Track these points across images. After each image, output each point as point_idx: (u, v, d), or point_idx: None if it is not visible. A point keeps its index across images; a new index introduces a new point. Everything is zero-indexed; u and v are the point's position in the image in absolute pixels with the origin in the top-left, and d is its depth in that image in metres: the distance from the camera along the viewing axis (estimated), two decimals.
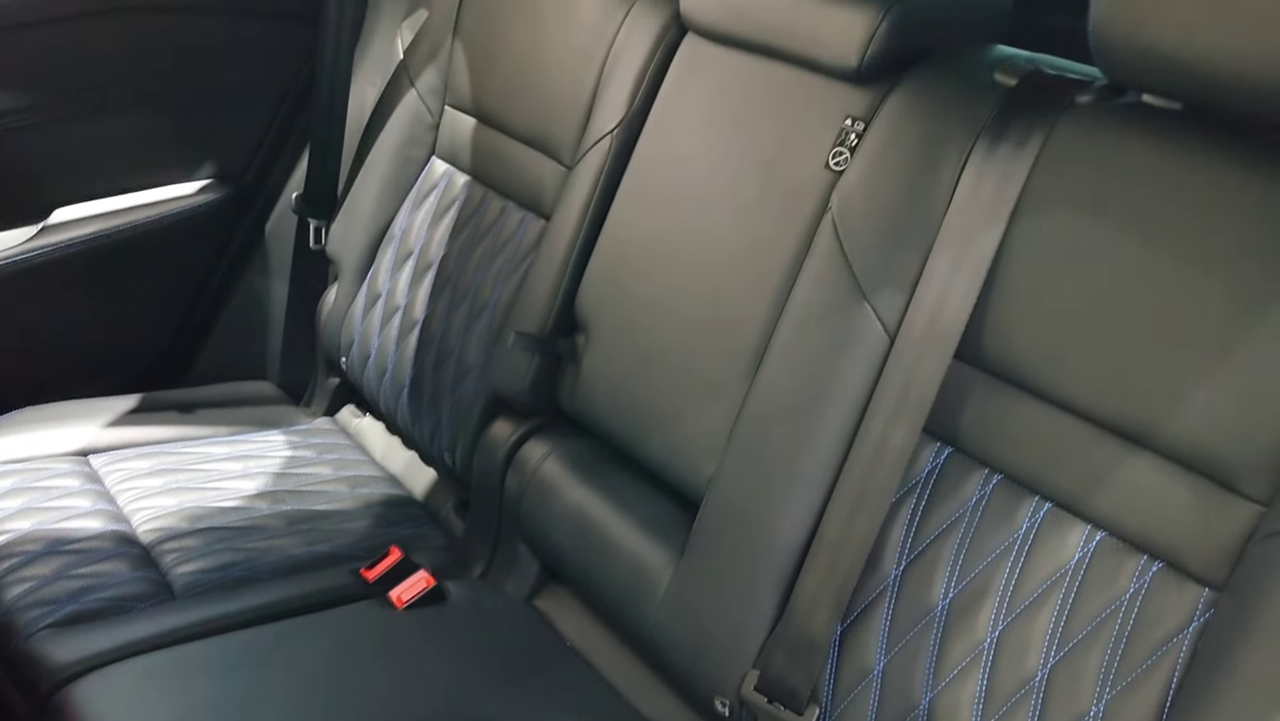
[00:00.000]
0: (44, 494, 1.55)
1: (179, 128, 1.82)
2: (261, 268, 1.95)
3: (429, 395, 1.62)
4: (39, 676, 1.25)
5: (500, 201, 1.62)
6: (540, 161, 1.55)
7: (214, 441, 1.73)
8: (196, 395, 1.84)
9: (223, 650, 1.31)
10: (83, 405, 1.74)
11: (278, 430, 1.79)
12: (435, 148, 1.73)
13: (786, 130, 1.24)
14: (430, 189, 1.72)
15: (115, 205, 1.81)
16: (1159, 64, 0.93)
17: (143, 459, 1.66)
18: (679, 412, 1.29)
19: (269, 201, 1.92)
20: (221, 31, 1.79)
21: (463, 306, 1.61)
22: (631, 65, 1.42)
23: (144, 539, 1.50)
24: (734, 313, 1.25)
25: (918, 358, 1.06)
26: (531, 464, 1.44)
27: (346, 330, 1.77)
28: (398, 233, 1.73)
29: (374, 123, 1.78)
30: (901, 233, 1.10)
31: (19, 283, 1.75)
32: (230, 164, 1.89)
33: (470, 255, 1.62)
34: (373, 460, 1.75)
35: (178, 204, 1.86)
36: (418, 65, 1.74)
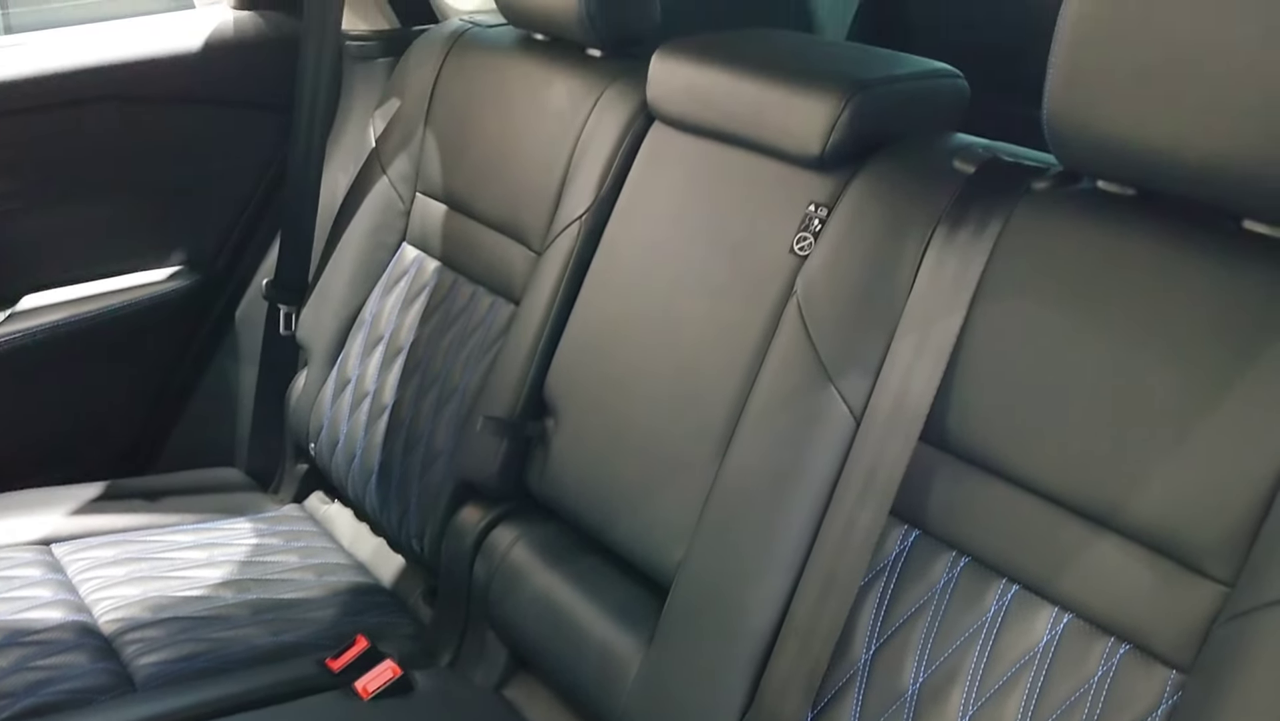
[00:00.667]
0: (4, 584, 1.52)
1: (151, 215, 1.83)
2: (231, 354, 1.94)
3: (397, 481, 1.61)
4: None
5: (470, 287, 1.63)
6: (510, 247, 1.56)
7: (179, 529, 1.71)
8: (163, 482, 1.82)
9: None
10: (47, 493, 1.72)
11: (244, 517, 1.77)
12: (406, 234, 1.74)
13: (752, 215, 1.26)
14: (401, 275, 1.73)
15: (85, 292, 1.81)
16: (1111, 151, 0.96)
17: (106, 548, 1.64)
18: (648, 495, 1.29)
19: (240, 287, 1.92)
20: (196, 121, 1.81)
21: (432, 391, 1.61)
22: (600, 152, 1.44)
23: (105, 629, 1.47)
24: (702, 395, 1.25)
25: (883, 440, 1.07)
26: (500, 550, 1.43)
27: (315, 416, 1.76)
28: (368, 318, 1.74)
29: (345, 209, 1.80)
30: (865, 316, 1.11)
31: None
32: (202, 250, 1.89)
33: (440, 340, 1.63)
34: (340, 547, 1.74)
35: (148, 290, 1.86)
36: (390, 153, 1.76)
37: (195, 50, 1.79)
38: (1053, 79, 0.97)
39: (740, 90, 1.27)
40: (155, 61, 1.77)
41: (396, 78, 1.78)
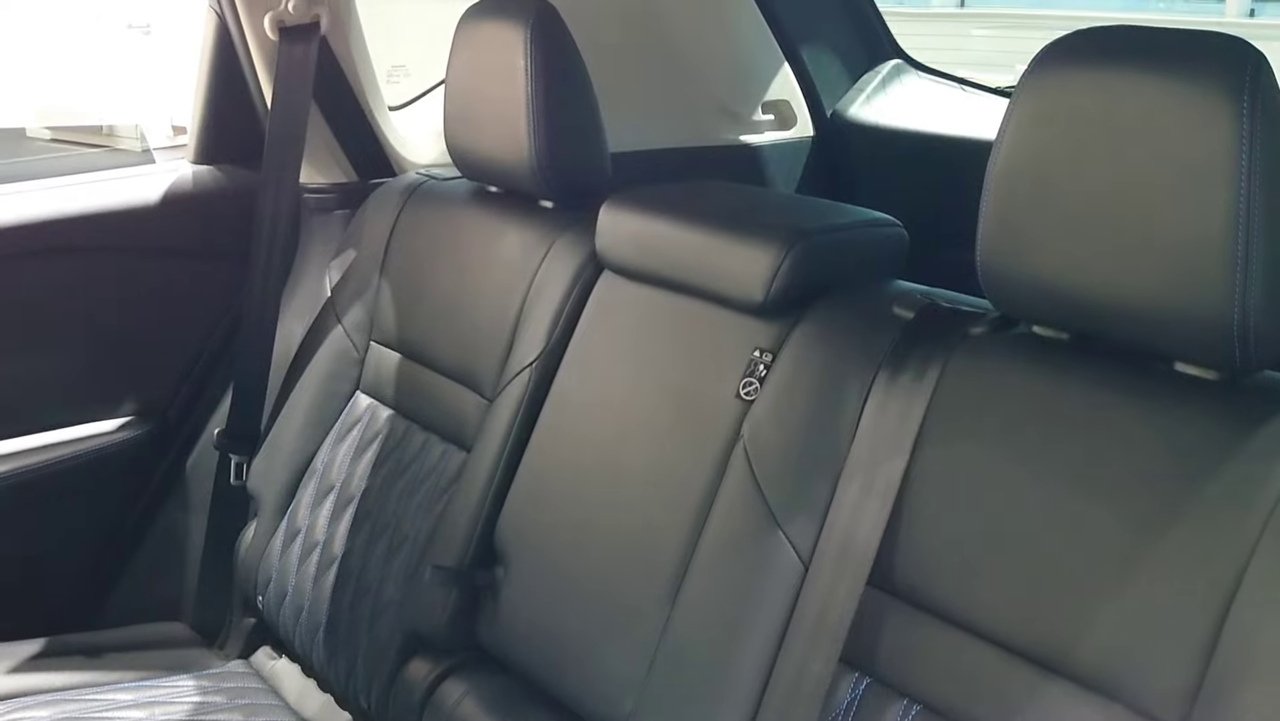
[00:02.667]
0: None
1: (104, 365, 1.83)
2: (180, 505, 1.91)
3: (345, 632, 1.57)
4: None
5: (423, 435, 1.62)
6: (462, 394, 1.57)
7: (120, 688, 1.66)
8: (105, 638, 1.77)
9: None
10: None
11: (188, 675, 1.71)
12: (360, 382, 1.74)
13: (699, 361, 1.27)
14: (354, 423, 1.72)
15: (33, 444, 1.79)
16: (1043, 295, 0.98)
17: (43, 707, 1.58)
18: (596, 646, 1.26)
19: (191, 438, 1.90)
20: (153, 271, 1.83)
21: (382, 540, 1.58)
22: (550, 301, 1.46)
23: None
24: (651, 542, 1.24)
25: (831, 585, 1.06)
26: (448, 705, 1.39)
27: (264, 568, 1.73)
28: (319, 467, 1.72)
29: (299, 359, 1.80)
30: (811, 461, 1.11)
31: None
32: (154, 400, 1.88)
33: (392, 489, 1.61)
34: (286, 705, 1.68)
35: (95, 441, 1.84)
36: (345, 302, 1.77)
37: (153, 203, 1.82)
38: (984, 227, 1.00)
39: (685, 239, 1.30)
40: (113, 214, 1.79)
41: (353, 229, 1.81)
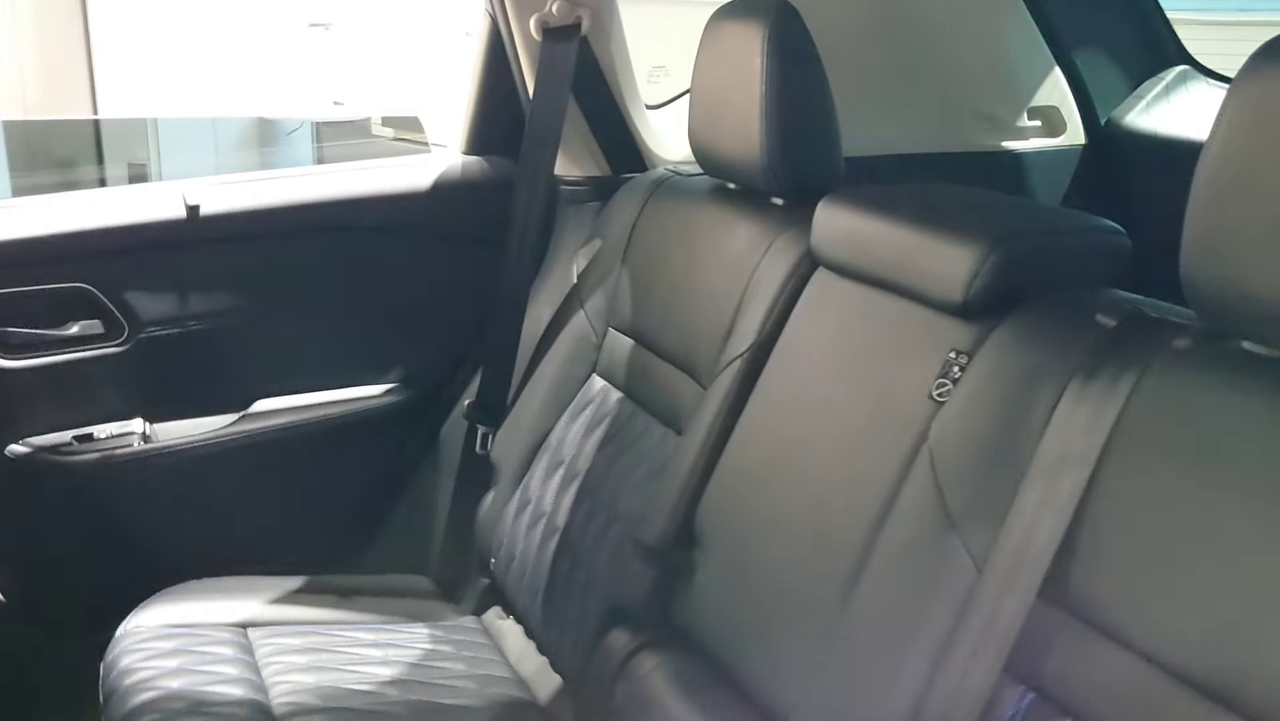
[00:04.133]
0: (199, 658, 1.66)
1: (373, 335, 2.01)
2: (433, 468, 2.07)
3: (559, 599, 1.66)
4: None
5: (645, 418, 1.69)
6: (682, 381, 1.62)
7: (364, 628, 1.82)
8: (356, 583, 1.94)
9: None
10: (253, 581, 1.86)
11: (424, 624, 1.86)
12: (596, 366, 1.83)
13: (896, 361, 1.27)
14: (587, 404, 1.81)
15: (308, 400, 1.99)
16: (1251, 310, 0.92)
17: (295, 636, 1.76)
18: (774, 635, 1.28)
19: (446, 407, 2.05)
20: (420, 252, 1.99)
21: (600, 515, 1.66)
22: (766, 294, 1.49)
23: (277, 710, 1.58)
24: (832, 537, 1.25)
25: (1002, 594, 1.03)
26: (639, 676, 1.44)
27: (498, 532, 1.85)
28: (554, 443, 1.82)
29: (544, 340, 1.91)
30: (993, 467, 1.09)
31: (218, 463, 1.93)
32: (415, 371, 2.05)
33: (612, 467, 1.69)
34: (506, 662, 1.79)
35: (363, 403, 2.02)
36: (588, 289, 1.86)
37: (425, 189, 1.98)
38: (1189, 234, 0.95)
39: (894, 237, 1.30)
40: (392, 198, 1.97)
41: (602, 220, 1.90)
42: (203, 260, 1.88)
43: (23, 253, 1.77)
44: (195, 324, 1.89)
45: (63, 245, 1.79)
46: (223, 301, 1.90)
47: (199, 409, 1.94)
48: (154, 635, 1.70)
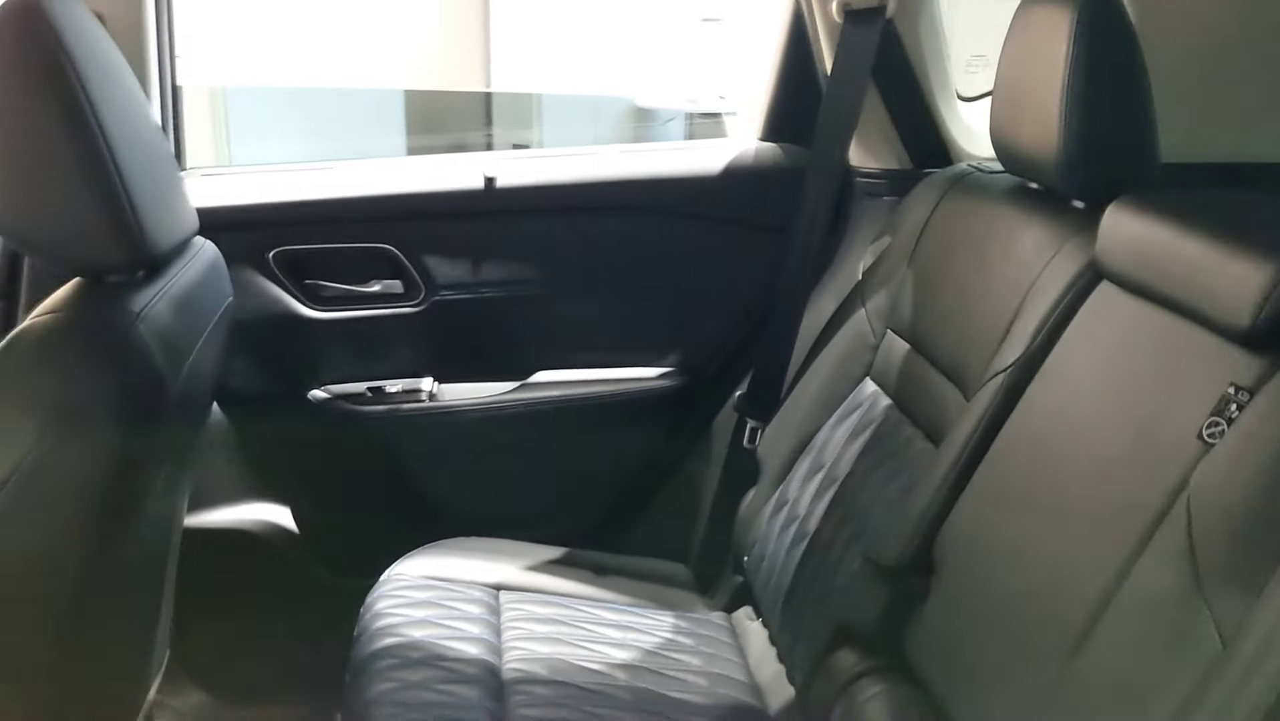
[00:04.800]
0: (447, 612, 1.72)
1: (651, 318, 2.00)
2: (701, 458, 2.04)
3: (797, 608, 1.59)
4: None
5: (910, 429, 1.57)
6: (948, 392, 1.49)
7: (610, 607, 1.82)
8: (614, 562, 1.95)
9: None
10: (514, 545, 1.91)
11: (671, 613, 1.83)
12: (871, 369, 1.73)
13: (1168, 391, 1.09)
14: (856, 407, 1.71)
15: (584, 376, 2.01)
16: None
17: (542, 605, 1.78)
18: (998, 678, 1.15)
19: (719, 397, 2.02)
20: (705, 236, 1.96)
21: (849, 526, 1.57)
22: (1043, 303, 1.34)
23: (505, 675, 1.60)
24: (1072, 580, 1.10)
25: (1247, 677, 0.86)
26: (858, 702, 1.34)
27: (754, 531, 1.79)
28: (818, 444, 1.74)
29: (822, 338, 1.83)
30: (1257, 528, 0.91)
31: (495, 427, 2.00)
32: (692, 356, 2.03)
33: (870, 478, 1.59)
34: (744, 665, 1.73)
35: (639, 385, 2.02)
36: (871, 287, 1.76)
37: (716, 173, 1.95)
38: None
39: (1180, 248, 1.12)
40: (682, 181, 1.95)
41: (895, 216, 1.79)
42: (497, 230, 1.94)
43: (337, 212, 1.90)
44: (486, 291, 1.96)
45: (372, 208, 1.90)
46: (513, 271, 1.95)
47: (483, 373, 2.01)
48: (412, 584, 1.78)
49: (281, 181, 1.93)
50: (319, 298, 1.94)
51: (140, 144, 1.28)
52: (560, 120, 5.53)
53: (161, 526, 1.55)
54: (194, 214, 1.46)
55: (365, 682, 1.57)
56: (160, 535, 1.55)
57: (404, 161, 1.95)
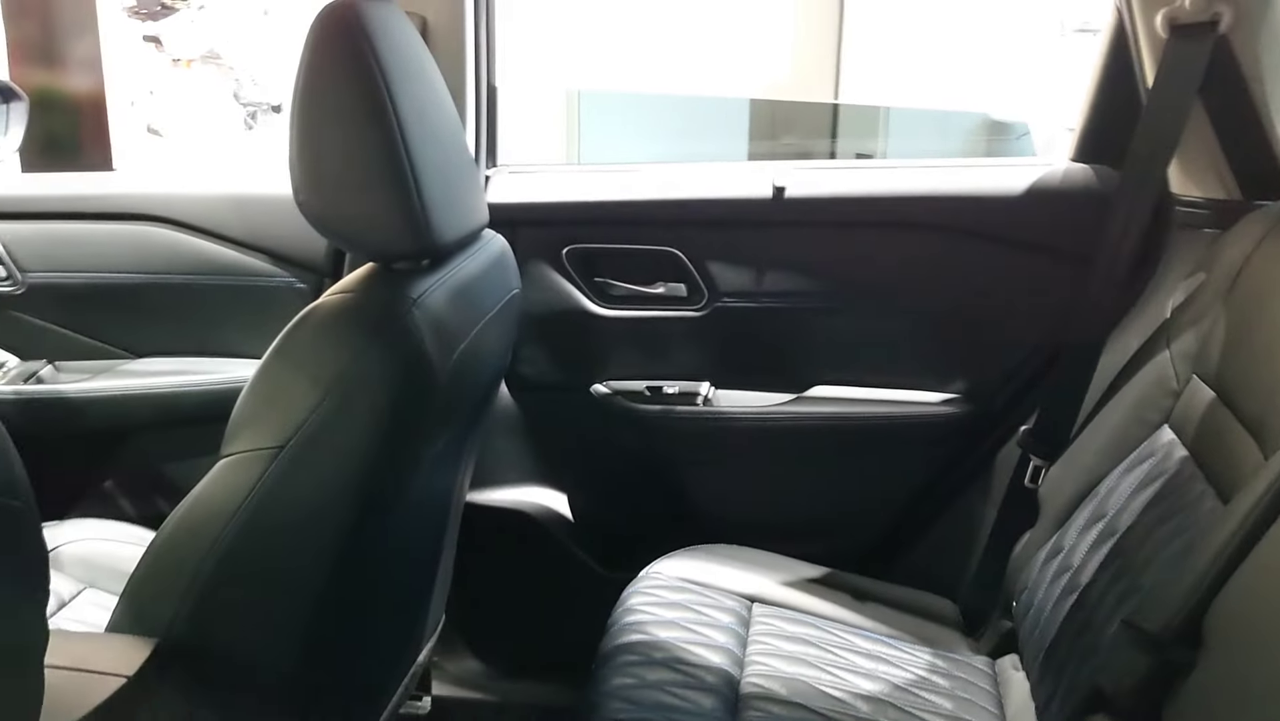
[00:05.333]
0: (697, 617, 1.72)
1: (936, 341, 1.92)
2: (980, 492, 1.94)
3: (1058, 664, 1.48)
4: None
5: (1202, 486, 1.42)
6: (1248, 447, 1.34)
7: (865, 635, 1.76)
8: (877, 589, 1.89)
9: None
10: (774, 558, 1.89)
11: (929, 650, 1.75)
12: (1170, 416, 1.58)
13: None
14: (1148, 456, 1.57)
15: (864, 394, 1.96)
16: None
17: (795, 624, 1.76)
18: None
19: (1003, 430, 1.91)
20: (999, 260, 1.86)
21: (1121, 582, 1.44)
22: None
23: (744, 689, 1.59)
24: None
25: None
26: None
27: (1025, 575, 1.68)
28: (1102, 492, 1.61)
29: (1121, 377, 1.69)
30: None
31: (767, 438, 1.99)
32: (979, 384, 1.93)
33: (1152, 533, 1.45)
34: (1000, 716, 1.63)
35: (919, 409, 1.95)
36: (1179, 326, 1.61)
37: (1017, 194, 1.84)
38: None
39: None
40: (978, 200, 1.86)
41: (1213, 250, 1.62)
42: (783, 241, 1.93)
43: (629, 214, 1.95)
44: (768, 300, 1.95)
45: (661, 211, 1.94)
46: (796, 282, 1.93)
47: (759, 382, 2.01)
48: (668, 584, 1.80)
49: (580, 181, 2.00)
50: (607, 295, 2.00)
51: (436, 142, 1.37)
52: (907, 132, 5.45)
53: (438, 497, 1.65)
54: (484, 208, 1.54)
55: (606, 674, 1.61)
56: (436, 505, 1.65)
57: (693, 168, 1.97)
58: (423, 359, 1.29)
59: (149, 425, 2.14)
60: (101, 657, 1.23)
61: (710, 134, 5.37)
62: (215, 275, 2.05)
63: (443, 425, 1.46)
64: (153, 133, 6.31)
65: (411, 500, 1.49)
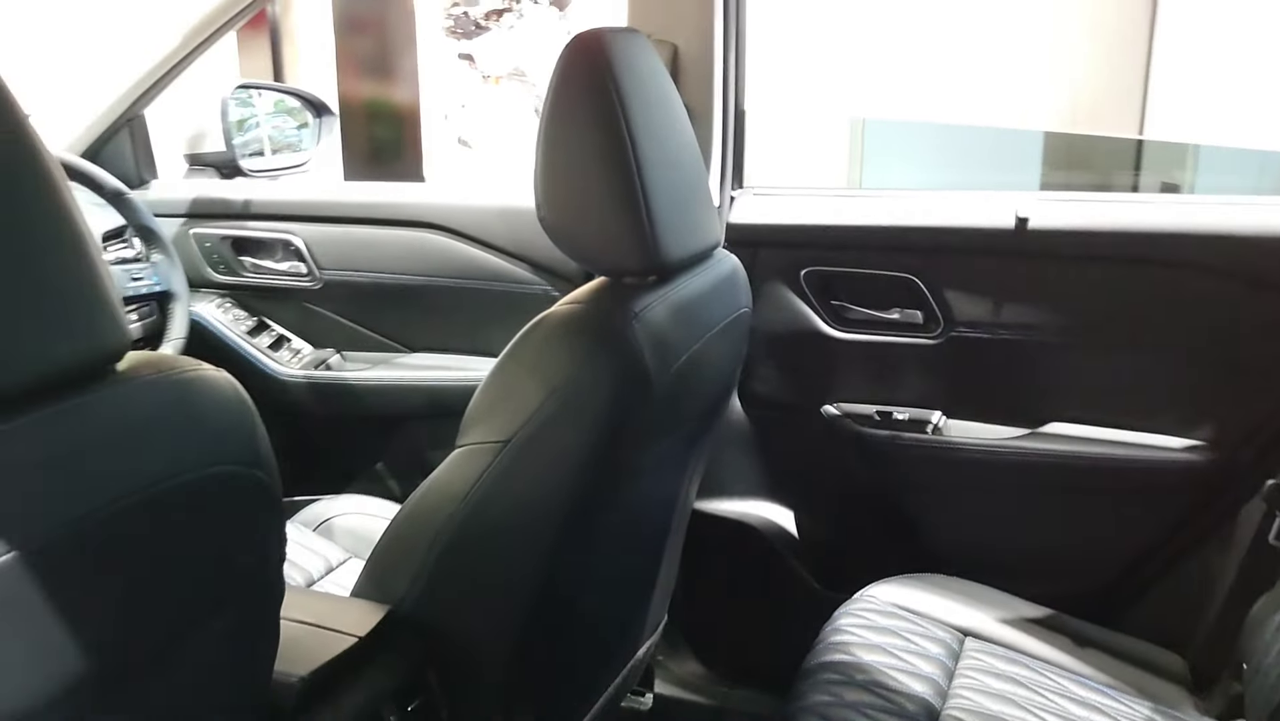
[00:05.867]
0: (905, 644, 1.73)
1: (1185, 385, 1.84)
2: (1219, 546, 1.84)
3: None
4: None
5: None
6: None
7: (1082, 682, 1.71)
8: (1100, 636, 1.83)
9: None
10: (993, 593, 1.87)
11: (1149, 705, 1.68)
12: None
13: None
14: None
15: (1101, 435, 1.90)
16: None
17: (1007, 662, 1.73)
18: None
19: (1253, 483, 1.80)
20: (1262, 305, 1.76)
21: None
22: None
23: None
24: None
25: None
26: None
27: (1260, 637, 1.59)
28: None
29: None
30: None
31: (996, 472, 1.96)
32: (1226, 433, 1.83)
33: None
34: None
35: (1162, 455, 1.87)
36: None
37: None
38: None
39: None
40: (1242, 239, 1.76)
41: None
42: (1025, 272, 1.90)
43: (867, 238, 1.97)
44: (1005, 332, 1.92)
45: (899, 237, 1.95)
46: (1035, 316, 1.90)
47: (992, 415, 1.98)
48: (880, 608, 1.82)
49: (822, 205, 2.04)
50: (843, 318, 2.03)
51: (670, 165, 1.46)
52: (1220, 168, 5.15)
53: (660, 503, 1.73)
54: (716, 229, 1.62)
55: (807, 689, 1.65)
56: (658, 510, 1.74)
57: (934, 195, 1.97)
58: (641, 369, 1.37)
59: (418, 414, 2.34)
60: (340, 618, 1.39)
61: (1001, 164, 5.25)
62: (482, 280, 2.23)
63: (661, 433, 1.54)
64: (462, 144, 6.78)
65: (629, 502, 1.58)
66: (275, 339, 2.44)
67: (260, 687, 1.15)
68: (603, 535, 1.53)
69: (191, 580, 0.96)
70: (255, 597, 1.06)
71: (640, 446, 1.49)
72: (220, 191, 2.43)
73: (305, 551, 1.95)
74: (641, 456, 1.52)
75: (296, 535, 1.98)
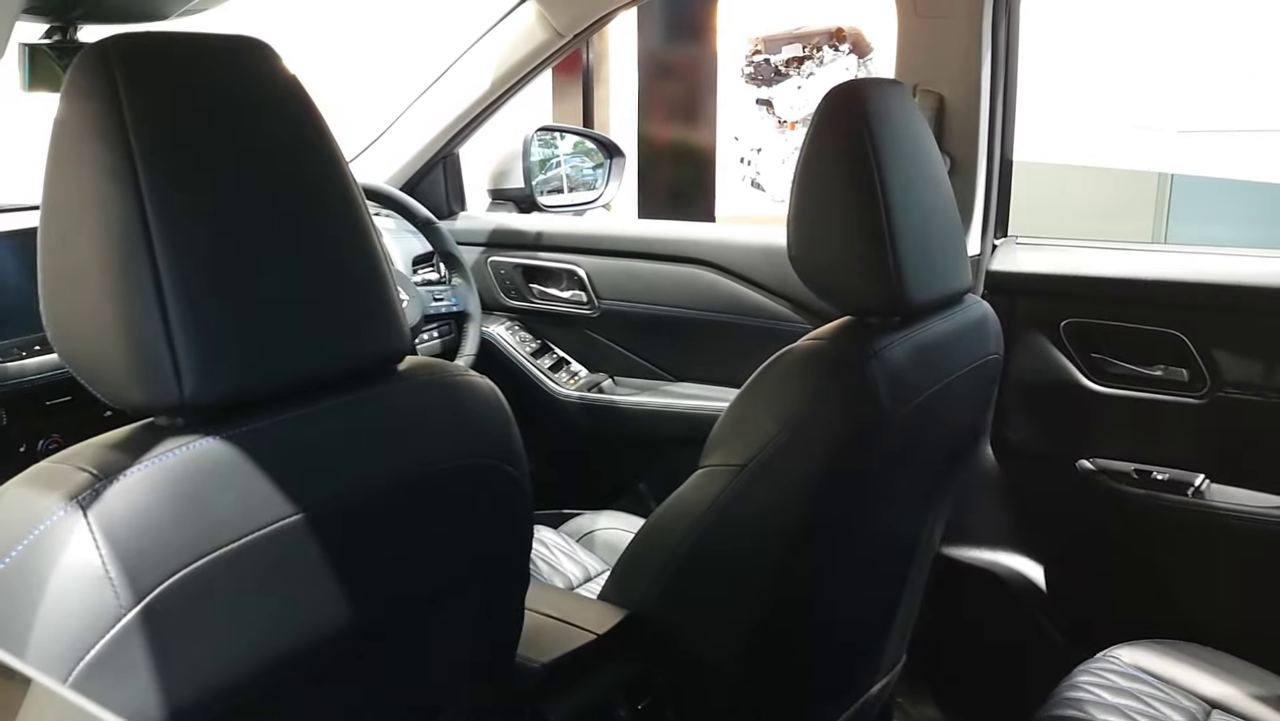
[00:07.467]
0: (1144, 709, 1.69)
1: None
2: None
3: None
4: None
5: None
6: None
7: None
8: None
9: None
10: (1248, 667, 1.78)
11: None
12: None
13: None
14: None
15: None
16: None
17: None
18: None
19: None
20: None
21: None
22: None
23: None
24: None
25: None
26: None
27: None
28: None
29: None
30: None
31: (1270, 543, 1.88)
32: None
33: None
34: None
35: None
36: None
37: None
38: None
39: None
40: None
41: None
42: None
43: (1130, 292, 1.93)
44: (1277, 396, 1.84)
45: (1166, 292, 1.90)
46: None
47: (1260, 481, 1.89)
48: (1122, 670, 1.78)
49: (1086, 257, 2.02)
50: (1102, 372, 2.00)
51: (920, 211, 1.51)
52: None
53: (898, 540, 1.77)
54: (966, 275, 1.65)
55: None
56: (896, 548, 1.77)
57: (1204, 251, 1.91)
58: (874, 405, 1.43)
59: (679, 438, 2.47)
60: (583, 616, 1.51)
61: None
62: (746, 316, 2.33)
63: (895, 470, 1.59)
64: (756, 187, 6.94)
65: (864, 534, 1.63)
66: (556, 361, 2.64)
67: (503, 667, 1.28)
68: (834, 563, 1.58)
69: (445, 556, 1.10)
70: (502, 580, 1.20)
71: (874, 481, 1.54)
72: (517, 223, 2.66)
73: (568, 560, 2.10)
74: (877, 491, 1.57)
75: (562, 544, 2.14)
